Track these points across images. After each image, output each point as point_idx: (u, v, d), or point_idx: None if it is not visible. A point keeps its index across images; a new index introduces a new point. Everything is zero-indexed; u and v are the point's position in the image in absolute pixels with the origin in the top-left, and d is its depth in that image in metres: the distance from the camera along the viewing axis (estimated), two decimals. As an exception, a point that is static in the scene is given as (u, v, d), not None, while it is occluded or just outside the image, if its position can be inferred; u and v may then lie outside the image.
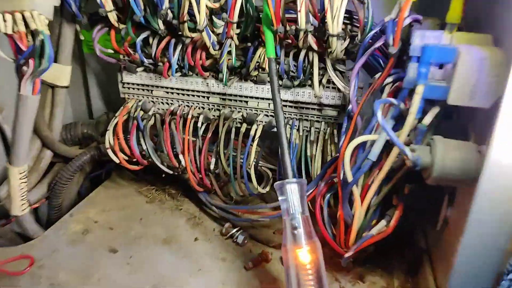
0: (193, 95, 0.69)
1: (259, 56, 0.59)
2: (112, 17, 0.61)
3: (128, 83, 0.71)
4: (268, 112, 0.66)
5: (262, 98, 0.66)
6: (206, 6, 0.53)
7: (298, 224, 0.45)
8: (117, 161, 0.69)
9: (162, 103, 0.71)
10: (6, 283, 0.56)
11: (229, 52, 0.60)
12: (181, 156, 0.67)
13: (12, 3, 0.53)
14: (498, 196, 0.37)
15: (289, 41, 0.57)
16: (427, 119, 0.42)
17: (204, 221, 0.71)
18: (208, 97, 0.68)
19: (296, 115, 0.65)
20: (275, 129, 0.67)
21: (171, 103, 0.71)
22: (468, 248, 0.40)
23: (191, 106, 0.70)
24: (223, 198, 0.71)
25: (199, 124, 0.67)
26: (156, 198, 0.76)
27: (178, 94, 0.70)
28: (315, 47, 0.56)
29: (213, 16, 0.58)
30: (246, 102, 0.67)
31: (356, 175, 0.46)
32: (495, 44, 0.41)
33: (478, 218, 0.38)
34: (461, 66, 0.38)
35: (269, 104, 0.66)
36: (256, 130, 0.66)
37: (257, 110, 0.67)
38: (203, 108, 0.69)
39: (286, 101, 0.65)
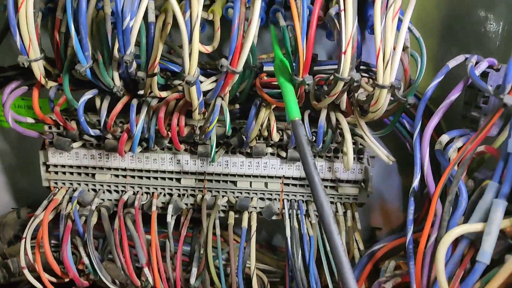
0: (157, 178, 0.49)
1: (263, 121, 0.43)
2: (38, 69, 0.41)
3: (56, 166, 0.49)
4: (264, 194, 0.49)
5: (257, 176, 0.48)
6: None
7: None
8: (40, 287, 0.45)
9: (109, 191, 0.50)
10: None
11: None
12: (146, 270, 0.45)
13: None
14: None
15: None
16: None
17: None
18: (179, 179, 0.49)
19: (303, 195, 0.49)
20: (275, 217, 0.49)
21: (123, 191, 0.49)
22: None
23: (153, 192, 0.49)
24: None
25: (168, 218, 0.47)
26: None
27: (133, 177, 0.49)
28: (344, 106, 0.42)
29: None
30: (234, 182, 0.49)
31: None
32: None
33: None
34: None
35: (265, 183, 0.49)
36: (250, 219, 0.48)
37: (248, 193, 0.49)
38: (171, 194, 0.50)
39: (289, 177, 0.49)
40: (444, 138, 0.37)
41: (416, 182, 0.36)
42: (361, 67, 0.44)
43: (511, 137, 0.31)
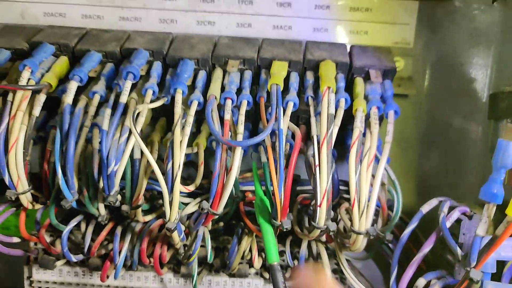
0: (140, 295, 0.49)
1: (245, 249, 0.44)
2: (26, 199, 0.42)
3: (39, 281, 0.49)
4: (248, 315, 0.49)
5: (240, 296, 0.48)
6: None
7: None
8: None
9: (92, 308, 0.49)
10: None
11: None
12: None
13: None
14: None
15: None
16: None
17: None
18: (162, 297, 0.49)
19: (287, 315, 0.49)
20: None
21: (106, 308, 0.49)
22: None
23: (136, 310, 0.49)
24: None
25: None
26: None
27: (117, 294, 0.49)
28: (324, 238, 0.43)
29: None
30: (217, 302, 0.49)
31: None
32: None
33: None
34: None
35: (249, 303, 0.49)
36: None
37: (232, 312, 0.49)
38: (154, 311, 0.49)
39: (271, 298, 0.48)
40: (421, 282, 0.37)
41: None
42: (341, 187, 0.45)
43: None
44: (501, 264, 0.33)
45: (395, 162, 0.49)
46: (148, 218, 0.44)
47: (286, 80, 0.41)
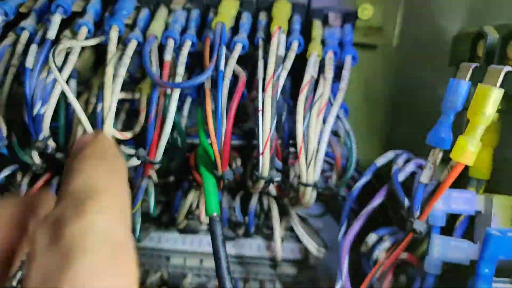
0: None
1: (192, 203, 0.41)
2: (-48, 145, 0.38)
3: (-20, 235, 0.47)
4: (200, 272, 0.47)
5: (192, 252, 0.46)
6: (114, 137, 0.34)
7: None
8: None
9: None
10: None
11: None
12: None
13: None
14: None
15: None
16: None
17: None
18: (109, 253, 0.47)
19: (241, 273, 0.47)
20: (210, 296, 0.47)
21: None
22: None
23: (83, 266, 0.47)
24: None
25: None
26: None
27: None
28: (274, 192, 0.40)
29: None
30: (167, 258, 0.47)
31: None
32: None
33: None
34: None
35: (201, 260, 0.47)
36: (185, 297, 0.46)
37: (183, 269, 0.47)
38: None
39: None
40: (372, 237, 0.35)
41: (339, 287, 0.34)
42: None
43: (429, 255, 0.29)
44: (454, 218, 0.31)
45: (362, 121, 0.46)
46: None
47: (238, 21, 0.37)
